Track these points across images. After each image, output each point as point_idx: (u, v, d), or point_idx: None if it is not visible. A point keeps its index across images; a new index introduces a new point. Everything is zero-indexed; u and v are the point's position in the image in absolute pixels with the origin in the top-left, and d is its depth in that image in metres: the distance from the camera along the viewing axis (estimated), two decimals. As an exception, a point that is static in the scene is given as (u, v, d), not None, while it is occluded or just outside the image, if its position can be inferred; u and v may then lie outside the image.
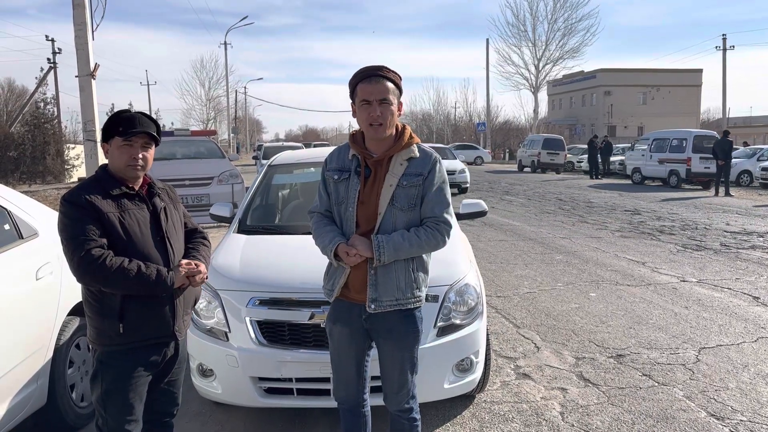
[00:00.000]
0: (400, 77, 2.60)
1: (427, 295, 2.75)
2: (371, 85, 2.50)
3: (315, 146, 23.72)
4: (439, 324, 3.43)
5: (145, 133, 2.46)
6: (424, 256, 2.64)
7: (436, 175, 2.59)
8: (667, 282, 7.34)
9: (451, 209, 2.64)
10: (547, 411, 3.91)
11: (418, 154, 2.58)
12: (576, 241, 10.20)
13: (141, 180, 2.55)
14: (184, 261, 2.56)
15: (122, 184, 2.48)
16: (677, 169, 21.59)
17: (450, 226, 2.59)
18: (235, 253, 3.97)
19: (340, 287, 2.62)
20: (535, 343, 5.18)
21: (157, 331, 2.49)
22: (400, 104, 2.58)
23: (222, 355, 3.43)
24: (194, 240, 2.75)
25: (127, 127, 2.43)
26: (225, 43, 54.08)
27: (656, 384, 4.30)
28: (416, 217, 2.58)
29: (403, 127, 2.63)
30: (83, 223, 2.32)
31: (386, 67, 2.58)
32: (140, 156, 2.47)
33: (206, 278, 2.63)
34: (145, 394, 2.54)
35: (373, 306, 2.56)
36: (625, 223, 12.48)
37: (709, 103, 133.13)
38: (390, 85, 2.52)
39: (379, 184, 2.55)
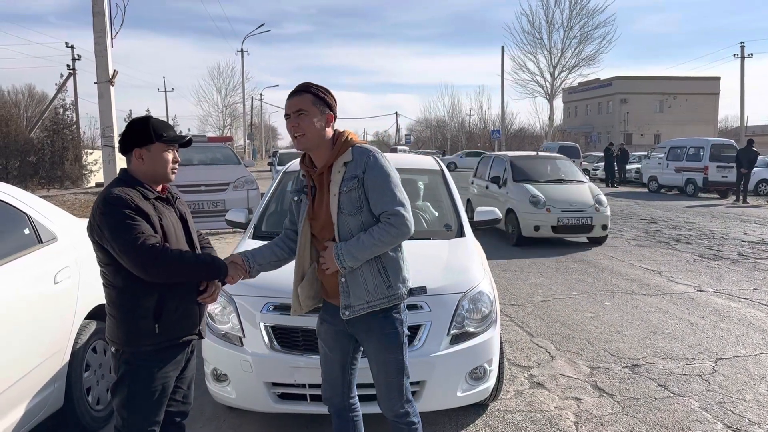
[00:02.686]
0: (326, 91, 2.62)
1: (411, 288, 2.72)
2: (290, 100, 2.61)
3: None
4: (452, 332, 3.42)
5: (185, 140, 2.59)
6: (391, 253, 2.62)
7: (373, 173, 2.54)
8: (684, 291, 7.27)
9: (400, 197, 2.55)
10: (560, 421, 3.89)
11: (352, 158, 2.58)
12: (591, 250, 10.13)
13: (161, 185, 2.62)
14: (238, 257, 2.69)
15: (154, 189, 2.54)
16: (694, 177, 21.39)
17: (401, 216, 2.52)
18: (250, 258, 3.99)
19: (294, 303, 2.77)
20: (549, 352, 5.15)
21: (187, 331, 2.55)
22: (329, 116, 2.59)
23: (236, 360, 3.45)
24: (203, 246, 2.81)
25: (170, 132, 2.54)
26: (242, 51, 54.52)
27: (672, 395, 4.26)
28: (369, 219, 2.56)
29: (339, 134, 2.65)
30: (136, 221, 2.35)
31: (311, 84, 2.63)
32: (178, 159, 2.59)
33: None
34: (169, 395, 2.56)
35: (347, 313, 2.61)
36: (641, 231, 12.38)
37: (727, 111, 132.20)
38: (309, 96, 2.57)
39: (326, 196, 2.61)
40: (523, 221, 10.60)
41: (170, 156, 2.54)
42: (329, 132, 2.61)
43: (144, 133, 2.49)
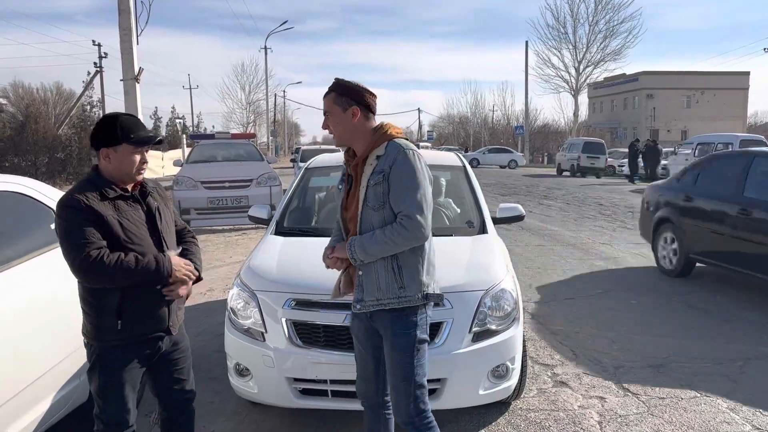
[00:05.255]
0: (350, 86, 2.62)
1: (428, 294, 2.63)
2: (323, 101, 2.66)
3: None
4: (474, 329, 3.40)
5: (155, 141, 2.57)
6: (409, 254, 2.57)
7: (398, 170, 2.51)
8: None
9: (419, 200, 2.49)
10: (584, 420, 3.84)
11: (384, 152, 2.57)
12: (617, 247, 10.00)
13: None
14: (183, 261, 2.65)
15: (119, 188, 2.54)
16: (723, 174, 20.96)
17: (414, 220, 2.47)
18: (272, 254, 4.01)
19: (335, 288, 2.79)
20: (573, 351, 5.09)
21: (153, 328, 2.60)
22: (354, 109, 2.59)
23: (258, 355, 3.46)
24: (186, 240, 2.85)
25: (138, 135, 2.50)
26: (265, 48, 54.74)
27: (699, 395, 4.18)
28: (391, 216, 2.55)
29: (379, 127, 2.64)
30: (83, 226, 2.38)
31: (337, 81, 2.65)
32: (147, 160, 2.59)
33: (189, 292, 2.74)
34: (138, 385, 2.67)
35: (358, 306, 2.64)
36: (668, 229, 12.17)
37: (757, 106, 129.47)
38: (332, 95, 2.62)
39: (358, 187, 2.64)
40: None
41: (138, 157, 2.53)
42: (364, 124, 2.62)
43: (111, 133, 2.47)
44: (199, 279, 2.76)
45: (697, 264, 7.53)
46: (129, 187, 2.58)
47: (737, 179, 6.84)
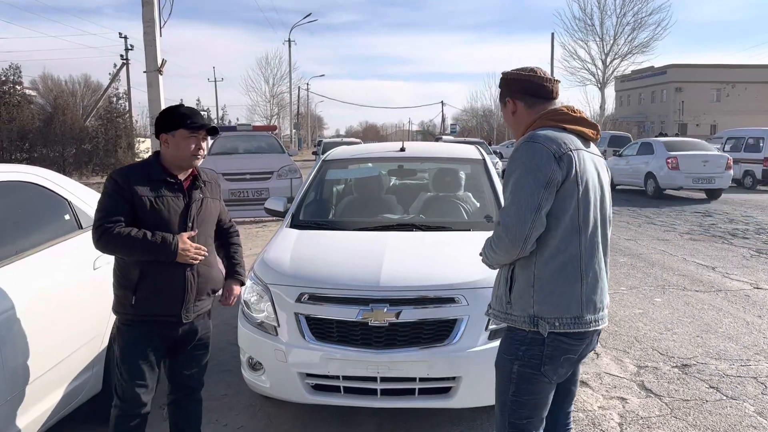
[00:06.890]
0: (503, 76, 2.38)
1: (534, 317, 2.17)
2: None
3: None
4: (490, 327, 3.31)
5: (208, 128, 2.72)
6: (521, 266, 2.19)
7: (508, 166, 2.19)
8: (739, 288, 6.95)
9: (508, 207, 2.14)
10: (604, 421, 3.74)
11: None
12: (642, 243, 9.81)
13: (190, 171, 2.77)
14: (194, 245, 2.72)
15: (167, 173, 2.69)
16: (752, 169, 20.51)
17: (498, 227, 2.16)
18: (286, 247, 3.96)
19: None
20: (593, 349, 4.97)
21: (163, 310, 2.70)
22: (509, 101, 2.35)
23: (271, 350, 3.42)
24: (228, 236, 3.09)
25: (194, 120, 2.65)
26: (289, 41, 54.84)
27: (724, 397, 4.05)
28: None
29: (540, 115, 2.29)
30: (113, 199, 2.59)
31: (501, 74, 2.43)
32: (203, 146, 2.72)
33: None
34: (156, 365, 2.76)
35: (488, 310, 2.40)
36: (695, 225, 11.92)
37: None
38: (499, 93, 2.42)
39: None
40: None
41: (193, 143, 2.67)
42: (527, 114, 2.31)
43: (170, 120, 2.67)
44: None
45: (728, 275, 7.30)
46: (180, 177, 2.73)
47: None
